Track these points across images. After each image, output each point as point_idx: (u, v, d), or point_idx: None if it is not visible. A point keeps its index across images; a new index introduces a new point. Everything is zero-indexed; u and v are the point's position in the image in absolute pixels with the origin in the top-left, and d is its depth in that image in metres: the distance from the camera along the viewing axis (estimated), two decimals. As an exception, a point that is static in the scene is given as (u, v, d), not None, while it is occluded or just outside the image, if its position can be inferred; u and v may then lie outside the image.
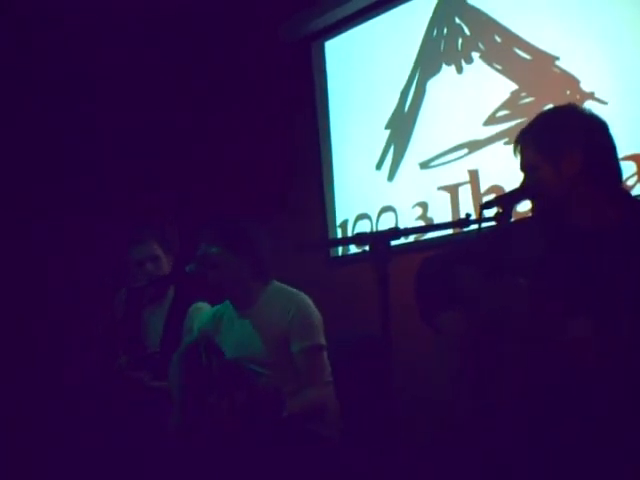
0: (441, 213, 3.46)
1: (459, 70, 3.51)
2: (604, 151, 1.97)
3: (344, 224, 3.94)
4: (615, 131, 1.99)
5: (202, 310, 3.06)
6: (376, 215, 3.79)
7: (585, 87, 3.02)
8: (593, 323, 1.75)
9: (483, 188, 3.34)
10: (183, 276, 3.02)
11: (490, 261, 1.99)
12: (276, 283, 2.77)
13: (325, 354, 2.65)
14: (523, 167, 2.03)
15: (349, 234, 3.88)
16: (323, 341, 2.64)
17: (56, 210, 4.12)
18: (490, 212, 1.94)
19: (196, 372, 2.64)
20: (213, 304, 3.07)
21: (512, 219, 1.99)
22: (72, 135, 4.22)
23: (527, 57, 3.26)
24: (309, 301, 2.70)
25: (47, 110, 4.20)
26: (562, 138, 1.96)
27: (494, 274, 1.94)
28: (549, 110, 2.18)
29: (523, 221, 2.19)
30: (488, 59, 3.41)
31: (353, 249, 3.86)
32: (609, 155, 1.98)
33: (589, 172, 1.93)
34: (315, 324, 2.65)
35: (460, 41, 3.53)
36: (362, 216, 3.86)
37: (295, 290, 2.74)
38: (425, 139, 3.62)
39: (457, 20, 3.54)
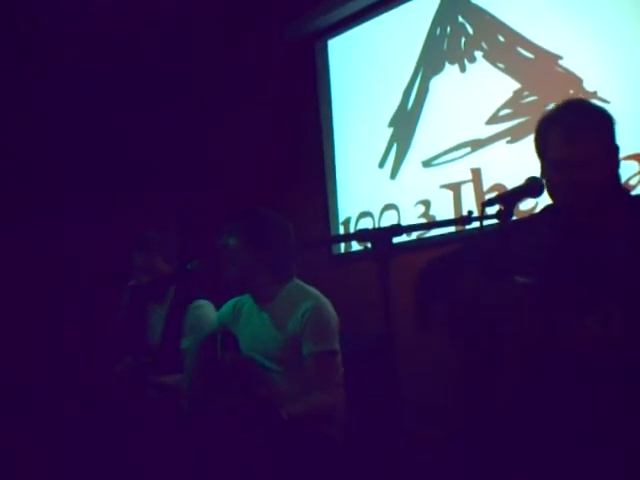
0: (443, 211, 3.47)
1: (462, 69, 3.52)
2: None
3: (347, 222, 3.94)
4: (618, 130, 1.97)
5: (203, 308, 3.07)
6: (378, 213, 3.79)
7: (588, 86, 3.02)
8: (601, 319, 1.75)
9: (486, 186, 3.35)
10: (185, 275, 3.08)
11: (495, 262, 1.98)
12: (296, 281, 2.73)
13: (338, 358, 2.60)
14: (575, 161, 1.91)
15: (351, 232, 3.89)
16: (336, 346, 2.59)
17: (55, 214, 4.14)
18: (492, 210, 1.94)
19: (210, 363, 2.62)
20: (213, 301, 3.09)
21: (514, 217, 1.99)
22: (70, 140, 4.23)
23: (530, 56, 3.26)
24: (327, 303, 2.65)
25: (46, 114, 4.20)
26: (613, 135, 1.94)
27: (499, 276, 1.93)
28: (592, 105, 2.05)
29: (528, 219, 2.19)
30: (491, 58, 3.41)
31: (355, 246, 3.86)
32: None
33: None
34: (330, 328, 2.60)
35: (463, 40, 3.53)
36: (365, 214, 3.86)
37: (315, 290, 2.69)
38: (428, 137, 3.62)
39: (460, 19, 3.55)
